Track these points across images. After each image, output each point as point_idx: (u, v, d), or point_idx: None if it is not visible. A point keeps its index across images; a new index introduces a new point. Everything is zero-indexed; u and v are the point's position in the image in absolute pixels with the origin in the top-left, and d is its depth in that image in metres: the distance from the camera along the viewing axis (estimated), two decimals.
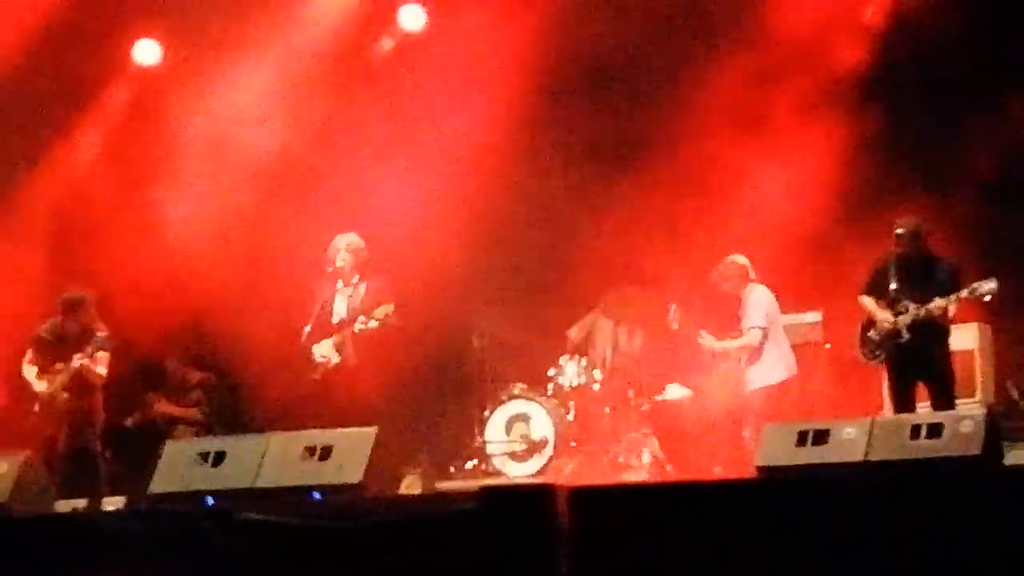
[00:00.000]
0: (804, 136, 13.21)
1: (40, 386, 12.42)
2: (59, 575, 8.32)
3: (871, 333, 11.77)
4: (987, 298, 11.46)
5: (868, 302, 11.79)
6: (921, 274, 11.60)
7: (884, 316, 11.65)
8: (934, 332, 11.56)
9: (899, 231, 11.64)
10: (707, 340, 12.95)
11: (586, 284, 14.45)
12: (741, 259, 12.92)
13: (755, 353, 12.70)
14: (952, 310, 11.55)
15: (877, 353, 11.76)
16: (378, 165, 14.40)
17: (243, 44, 14.19)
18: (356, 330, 12.36)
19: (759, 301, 12.79)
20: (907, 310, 11.53)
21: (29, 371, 12.48)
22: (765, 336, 12.68)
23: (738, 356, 12.80)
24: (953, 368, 11.81)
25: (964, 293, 11.41)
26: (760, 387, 12.65)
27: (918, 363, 11.62)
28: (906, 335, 11.53)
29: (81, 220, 14.27)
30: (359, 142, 14.42)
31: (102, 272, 13.68)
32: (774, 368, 12.70)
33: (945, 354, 11.71)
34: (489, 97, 13.78)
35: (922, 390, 11.67)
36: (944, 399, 11.44)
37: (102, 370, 12.41)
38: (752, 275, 12.87)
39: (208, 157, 14.36)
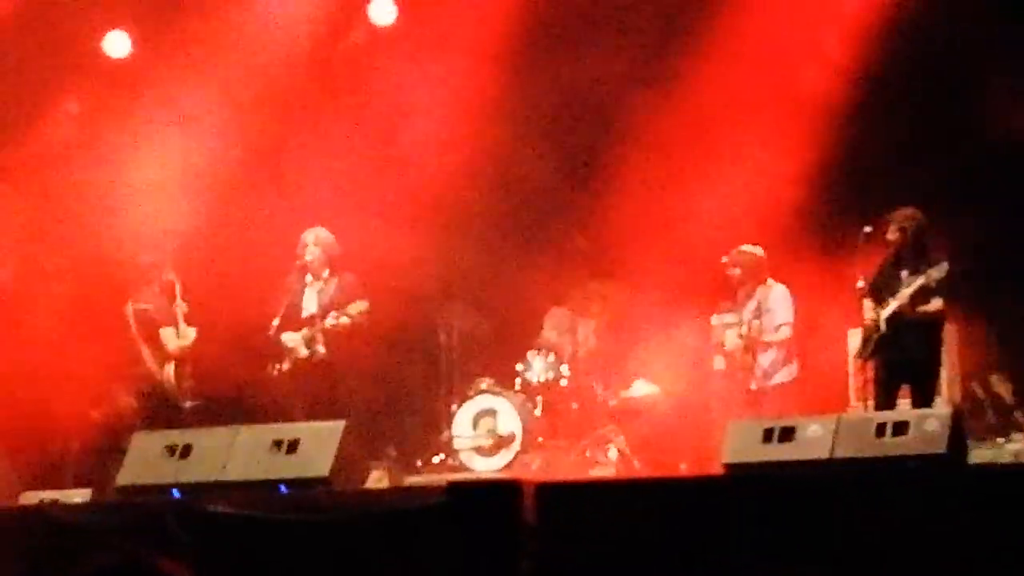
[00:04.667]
0: (766, 136, 13.23)
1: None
2: (22, 569, 8.29)
3: (862, 330, 11.63)
4: (938, 277, 11.19)
5: (865, 303, 11.62)
6: (914, 269, 11.47)
7: (867, 313, 11.57)
8: (910, 324, 11.40)
9: (891, 222, 11.56)
10: (753, 329, 12.81)
11: (555, 279, 14.47)
12: (759, 251, 12.87)
13: (790, 351, 12.73)
14: (937, 304, 11.42)
15: (866, 347, 11.58)
16: (348, 160, 14.38)
17: (213, 36, 14.14)
18: (328, 325, 12.37)
19: (786, 298, 12.77)
20: (889, 303, 11.50)
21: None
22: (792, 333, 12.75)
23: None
24: (938, 365, 11.76)
25: (920, 280, 11.30)
26: (778, 383, 12.67)
27: (898, 356, 11.45)
28: (883, 328, 11.47)
29: (48, 212, 14.20)
30: (328, 136, 14.40)
31: (70, 264, 13.66)
32: (792, 366, 12.75)
33: (928, 347, 11.53)
34: (460, 92, 13.78)
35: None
36: (921, 398, 11.30)
37: None
38: (767, 271, 12.84)
39: (178, 149, 14.31)
